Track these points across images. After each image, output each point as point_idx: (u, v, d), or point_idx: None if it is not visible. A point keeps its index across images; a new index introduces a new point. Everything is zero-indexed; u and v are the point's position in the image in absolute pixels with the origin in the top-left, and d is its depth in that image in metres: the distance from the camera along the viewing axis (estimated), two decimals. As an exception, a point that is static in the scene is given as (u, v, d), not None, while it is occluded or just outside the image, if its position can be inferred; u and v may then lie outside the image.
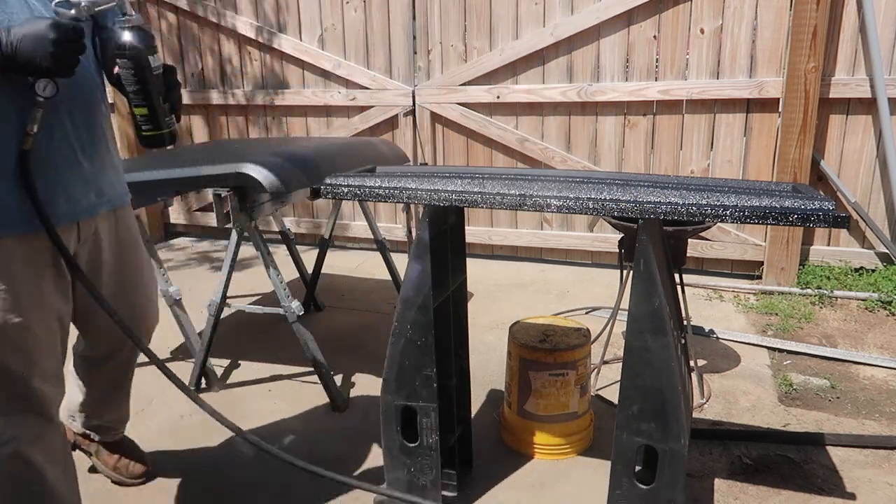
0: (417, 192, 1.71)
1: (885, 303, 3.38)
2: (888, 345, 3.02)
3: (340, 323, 3.44)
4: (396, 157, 3.06)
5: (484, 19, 3.99)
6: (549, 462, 2.24)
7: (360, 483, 2.03)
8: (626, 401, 1.67)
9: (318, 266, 3.47)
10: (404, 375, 1.88)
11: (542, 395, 2.22)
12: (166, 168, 2.49)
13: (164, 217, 5.07)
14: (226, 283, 2.66)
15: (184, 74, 4.72)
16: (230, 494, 2.14)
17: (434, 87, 4.15)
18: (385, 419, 1.94)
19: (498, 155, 4.17)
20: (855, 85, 3.49)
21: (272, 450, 1.81)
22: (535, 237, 4.24)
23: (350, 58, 4.31)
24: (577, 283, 3.93)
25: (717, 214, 1.48)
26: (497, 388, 2.73)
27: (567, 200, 1.59)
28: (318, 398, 2.67)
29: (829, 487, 2.07)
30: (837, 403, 2.56)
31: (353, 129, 4.37)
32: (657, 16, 3.67)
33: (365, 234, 4.49)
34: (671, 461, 1.64)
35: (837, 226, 1.43)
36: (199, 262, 4.51)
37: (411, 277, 1.82)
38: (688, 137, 3.82)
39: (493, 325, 3.34)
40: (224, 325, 3.23)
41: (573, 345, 2.21)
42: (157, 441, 2.42)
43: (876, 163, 3.58)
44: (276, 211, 2.94)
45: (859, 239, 3.71)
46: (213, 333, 2.71)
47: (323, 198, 1.80)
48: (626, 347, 1.66)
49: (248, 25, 4.42)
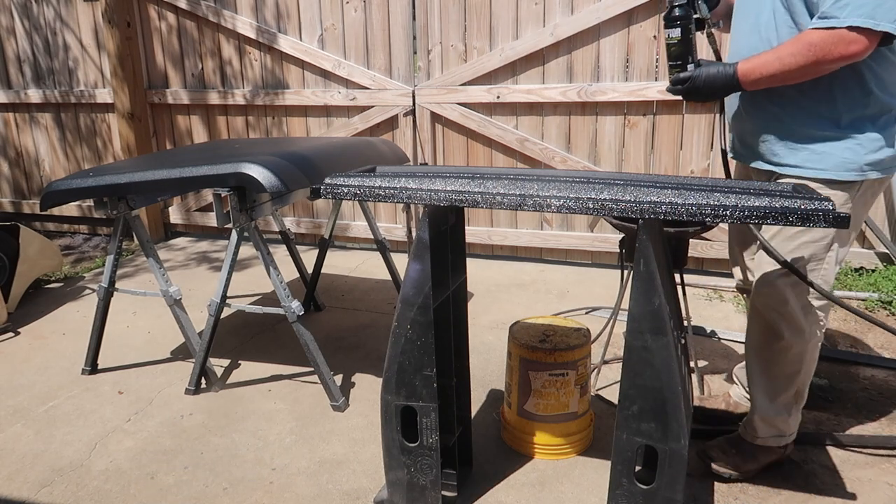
0: (417, 192, 1.71)
1: (885, 303, 3.38)
2: (888, 345, 3.02)
3: (340, 323, 3.44)
4: (396, 157, 3.06)
5: (484, 19, 3.99)
6: (549, 462, 2.24)
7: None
8: (626, 401, 1.67)
9: (318, 266, 3.47)
10: (404, 375, 1.88)
11: (542, 395, 2.22)
12: (166, 168, 2.50)
13: (164, 217, 5.07)
14: (226, 283, 2.66)
15: (184, 75, 4.72)
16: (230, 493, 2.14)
17: (434, 87, 4.15)
18: (385, 419, 1.94)
19: (498, 155, 4.17)
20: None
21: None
22: (535, 237, 4.24)
23: (350, 58, 4.31)
24: (577, 283, 3.93)
25: (717, 214, 1.48)
26: (497, 388, 2.73)
27: (567, 200, 1.59)
28: (318, 398, 2.68)
29: (829, 487, 2.08)
30: (837, 403, 2.56)
31: (353, 129, 4.37)
32: (657, 16, 3.67)
33: (365, 234, 4.49)
34: (671, 461, 1.64)
35: (837, 226, 1.43)
36: (199, 262, 4.51)
37: (411, 277, 1.82)
38: (688, 137, 3.82)
39: (493, 325, 3.34)
40: (224, 325, 3.24)
41: (573, 345, 2.21)
42: (157, 441, 2.43)
43: (876, 163, 3.57)
44: (275, 211, 2.94)
45: (859, 239, 3.71)
46: (213, 333, 2.71)
47: (323, 198, 1.80)
48: (626, 347, 1.66)
49: (248, 25, 4.42)
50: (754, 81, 1.75)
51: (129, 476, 2.24)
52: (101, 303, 2.88)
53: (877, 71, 1.73)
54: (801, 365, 1.98)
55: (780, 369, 1.99)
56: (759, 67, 1.73)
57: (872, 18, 1.58)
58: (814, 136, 1.80)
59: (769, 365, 2.01)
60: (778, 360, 1.98)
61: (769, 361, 2.01)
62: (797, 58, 1.66)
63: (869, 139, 1.77)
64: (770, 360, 2.00)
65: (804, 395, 2.05)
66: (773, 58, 1.70)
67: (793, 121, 1.83)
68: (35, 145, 5.22)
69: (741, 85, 1.77)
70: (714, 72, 1.79)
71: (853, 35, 1.60)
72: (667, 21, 1.85)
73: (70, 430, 2.51)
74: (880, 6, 1.57)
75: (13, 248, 3.68)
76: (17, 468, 2.30)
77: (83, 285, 4.08)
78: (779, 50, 1.70)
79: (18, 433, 2.51)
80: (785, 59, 1.68)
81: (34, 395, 2.78)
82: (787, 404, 2.04)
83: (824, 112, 1.78)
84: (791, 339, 1.94)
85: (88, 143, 5.07)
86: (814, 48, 1.63)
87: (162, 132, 4.90)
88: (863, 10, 1.58)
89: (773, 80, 1.72)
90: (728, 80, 1.77)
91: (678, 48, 1.85)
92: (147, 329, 3.40)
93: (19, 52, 5.01)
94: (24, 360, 3.10)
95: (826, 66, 1.66)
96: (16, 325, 3.49)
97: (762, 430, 2.07)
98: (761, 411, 2.04)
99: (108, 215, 2.74)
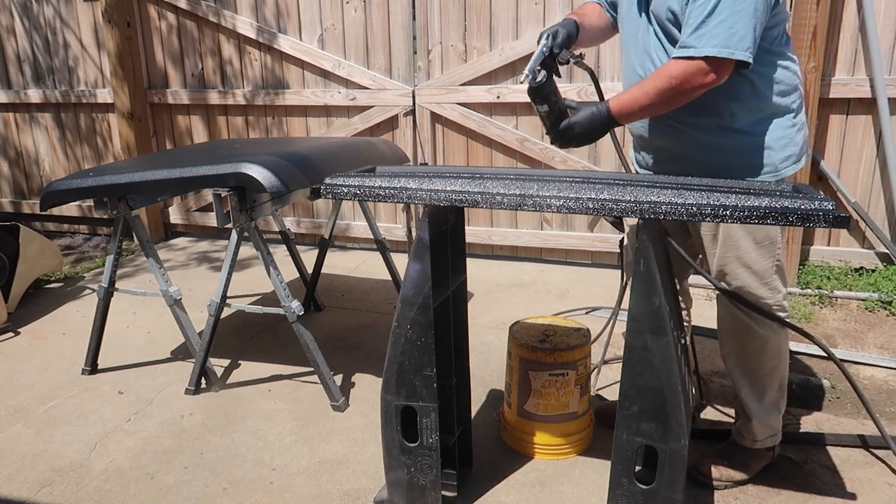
0: (417, 192, 1.71)
1: (885, 303, 3.38)
2: (888, 345, 3.02)
3: (340, 323, 3.44)
4: (396, 157, 3.06)
5: (484, 19, 3.99)
6: (549, 462, 2.24)
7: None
8: (626, 401, 1.67)
9: (318, 266, 3.47)
10: (404, 375, 1.88)
11: (542, 395, 2.22)
12: (166, 168, 2.50)
13: (164, 217, 5.07)
14: (226, 283, 2.66)
15: (184, 75, 4.72)
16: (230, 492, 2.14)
17: (434, 87, 4.15)
18: (385, 419, 1.94)
19: (498, 155, 4.17)
20: (855, 85, 3.49)
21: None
22: (535, 237, 4.23)
23: (350, 58, 4.31)
24: (577, 283, 3.93)
25: (717, 214, 1.48)
26: (497, 388, 2.73)
27: (567, 200, 1.59)
28: (318, 398, 2.68)
29: (829, 487, 2.08)
30: (837, 403, 2.56)
31: (353, 129, 4.37)
32: (657, 16, 3.67)
33: (365, 234, 4.49)
34: (671, 461, 1.64)
35: (837, 226, 1.43)
36: (199, 262, 4.51)
37: (411, 277, 1.82)
38: (688, 137, 3.81)
39: (493, 325, 3.34)
40: (224, 325, 3.24)
41: (573, 345, 2.21)
42: (157, 441, 2.43)
43: (876, 163, 3.58)
44: (275, 211, 2.94)
45: (859, 239, 3.71)
46: (213, 333, 2.71)
47: (323, 198, 1.80)
48: (626, 347, 1.66)
49: (248, 25, 4.42)
50: (627, 116, 1.81)
51: (129, 476, 2.23)
52: (101, 303, 2.88)
53: (761, 72, 1.79)
54: (779, 358, 2.02)
55: (763, 367, 2.02)
56: (628, 104, 1.79)
57: (727, 48, 1.64)
58: (723, 145, 1.85)
59: (752, 367, 2.03)
60: (759, 359, 2.01)
61: (751, 363, 2.03)
62: (661, 90, 1.72)
63: (772, 139, 1.83)
64: (752, 362, 2.02)
65: (785, 388, 2.09)
66: (640, 93, 1.76)
67: (699, 134, 1.87)
68: (35, 145, 5.22)
69: (617, 121, 1.82)
70: (588, 115, 1.84)
71: (709, 65, 1.66)
72: (531, 98, 1.89)
73: (70, 430, 2.51)
74: (733, 35, 1.63)
75: (13, 248, 3.68)
76: (17, 468, 2.30)
77: (83, 285, 4.08)
78: (644, 84, 1.76)
79: (18, 433, 2.51)
80: (651, 93, 1.74)
81: (34, 395, 2.78)
82: (776, 400, 2.07)
83: (726, 123, 1.83)
84: (765, 333, 1.97)
85: (88, 143, 5.07)
86: (675, 79, 1.70)
87: (162, 132, 4.90)
88: (717, 41, 1.64)
89: (645, 112, 1.79)
90: (603, 119, 1.83)
91: (550, 116, 1.90)
92: (147, 329, 3.40)
93: (19, 52, 5.01)
94: (24, 360, 3.10)
95: (689, 95, 1.72)
96: (16, 325, 3.49)
97: (760, 432, 2.08)
98: (757, 416, 2.05)
99: (108, 215, 2.74)
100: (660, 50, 1.84)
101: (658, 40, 1.84)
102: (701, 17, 1.64)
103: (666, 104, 1.75)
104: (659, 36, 1.84)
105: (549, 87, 1.87)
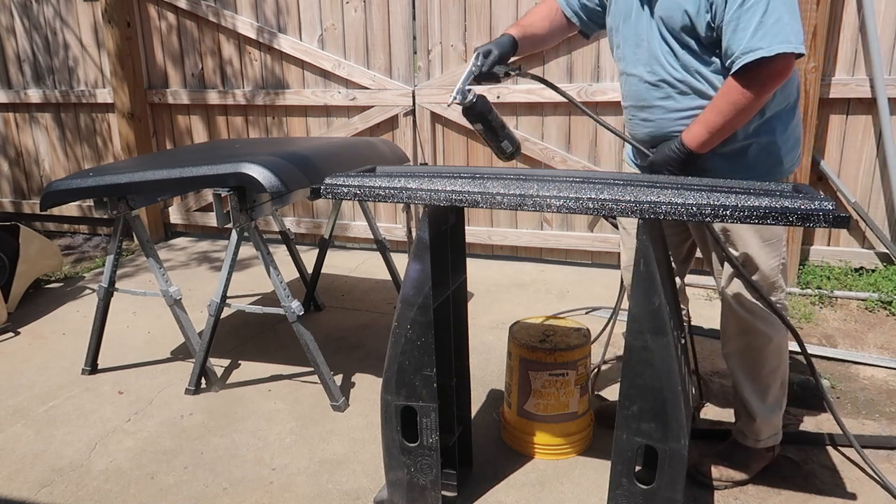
0: (417, 192, 1.71)
1: (885, 303, 3.38)
2: (888, 345, 3.02)
3: (340, 323, 3.44)
4: (396, 157, 3.06)
5: (484, 19, 3.99)
6: (549, 462, 2.24)
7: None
8: (626, 401, 1.67)
9: (318, 266, 3.47)
10: (404, 375, 1.88)
11: (542, 395, 2.22)
12: (166, 168, 2.49)
13: (164, 217, 5.07)
14: (226, 283, 2.66)
15: (184, 74, 4.72)
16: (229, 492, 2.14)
17: (434, 87, 4.14)
18: (385, 419, 1.94)
19: (498, 155, 4.17)
20: (855, 85, 3.49)
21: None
22: (535, 237, 4.23)
23: (350, 58, 4.30)
24: (577, 283, 3.93)
25: (717, 214, 1.48)
26: (497, 388, 2.73)
27: (567, 200, 1.59)
28: (318, 398, 2.68)
29: (829, 487, 2.08)
30: (837, 403, 2.56)
31: (353, 129, 4.37)
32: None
33: (365, 234, 4.49)
34: (671, 461, 1.64)
35: (838, 226, 1.43)
36: (199, 262, 4.51)
37: (411, 277, 1.82)
38: (688, 137, 3.81)
39: (493, 325, 3.34)
40: (224, 325, 3.24)
41: (573, 345, 2.21)
42: (157, 441, 2.43)
43: (876, 163, 3.58)
44: (275, 211, 2.94)
45: (859, 239, 3.71)
46: (213, 333, 2.71)
47: (323, 198, 1.80)
48: (626, 347, 1.66)
49: (248, 25, 4.42)
50: (706, 143, 1.78)
51: (129, 476, 2.24)
52: (101, 303, 2.88)
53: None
54: (781, 357, 2.03)
55: (766, 366, 2.02)
56: (703, 132, 1.76)
57: (791, 43, 1.65)
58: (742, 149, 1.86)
59: (755, 366, 2.03)
60: (762, 357, 2.01)
61: (754, 362, 2.03)
62: (737, 104, 1.70)
63: (782, 140, 1.87)
64: (755, 361, 2.03)
65: (786, 386, 2.10)
66: (713, 116, 1.74)
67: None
68: (35, 145, 5.22)
69: (697, 154, 1.80)
70: (662, 157, 1.85)
71: (780, 63, 1.67)
72: (465, 117, 1.92)
73: (70, 430, 2.51)
74: (792, 31, 1.66)
75: (13, 248, 3.68)
76: (17, 468, 2.30)
77: (83, 285, 4.08)
78: (716, 104, 1.74)
79: (18, 433, 2.51)
80: (726, 111, 1.72)
81: (34, 395, 2.78)
82: (778, 399, 2.08)
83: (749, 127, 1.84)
84: (769, 331, 1.98)
85: (88, 143, 5.07)
86: (752, 87, 1.69)
87: (162, 132, 4.90)
88: (781, 38, 1.64)
89: (724, 132, 1.76)
90: (684, 158, 1.81)
91: (488, 134, 1.93)
92: (147, 329, 3.40)
93: (19, 52, 5.01)
94: (24, 360, 3.10)
95: (763, 100, 1.72)
96: (16, 325, 3.49)
97: (763, 431, 2.08)
98: (761, 415, 2.05)
99: (108, 215, 2.74)
100: (670, 56, 1.81)
101: (668, 47, 1.81)
102: (756, 18, 1.64)
103: (745, 115, 1.73)
104: (669, 42, 1.81)
105: (481, 105, 1.88)
